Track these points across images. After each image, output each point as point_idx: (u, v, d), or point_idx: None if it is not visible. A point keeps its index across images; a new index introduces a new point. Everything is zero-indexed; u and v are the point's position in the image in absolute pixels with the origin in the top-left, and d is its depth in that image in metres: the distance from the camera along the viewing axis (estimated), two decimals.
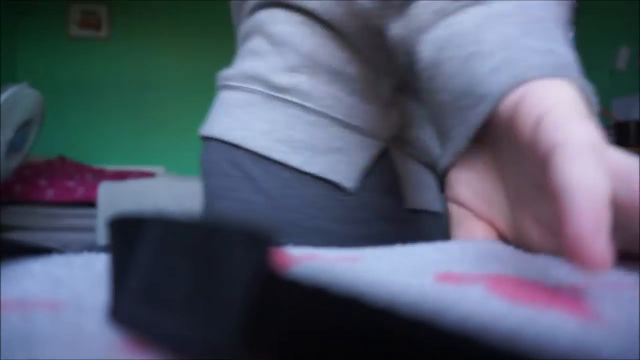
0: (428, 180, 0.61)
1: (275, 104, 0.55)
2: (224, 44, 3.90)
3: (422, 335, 0.12)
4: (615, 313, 0.17)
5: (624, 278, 0.22)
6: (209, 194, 0.62)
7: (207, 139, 0.62)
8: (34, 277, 0.22)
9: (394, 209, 0.57)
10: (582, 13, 2.37)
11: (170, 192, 2.63)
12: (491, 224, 0.34)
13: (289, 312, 0.14)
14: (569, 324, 0.16)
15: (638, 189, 0.22)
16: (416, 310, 0.12)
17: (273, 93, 0.56)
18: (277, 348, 0.14)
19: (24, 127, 2.23)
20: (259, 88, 0.57)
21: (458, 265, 0.24)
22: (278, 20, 0.55)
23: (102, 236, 2.52)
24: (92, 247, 2.56)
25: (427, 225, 0.61)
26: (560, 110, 0.25)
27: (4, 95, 2.07)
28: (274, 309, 0.14)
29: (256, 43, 0.58)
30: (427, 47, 0.36)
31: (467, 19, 0.34)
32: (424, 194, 0.60)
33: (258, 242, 0.15)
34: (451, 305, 0.18)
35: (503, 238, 0.33)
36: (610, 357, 0.14)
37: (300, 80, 0.54)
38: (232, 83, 0.61)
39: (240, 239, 0.15)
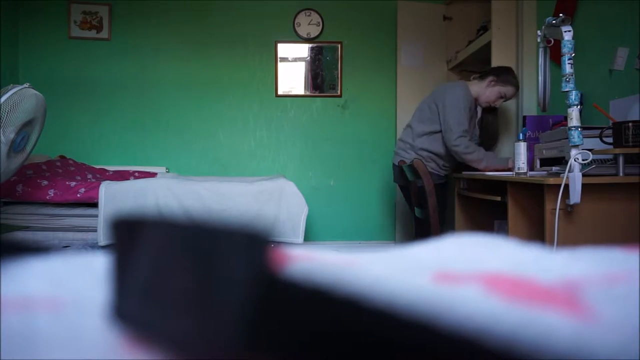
0: None
1: None
2: (223, 44, 3.92)
3: (421, 337, 0.12)
4: (609, 311, 0.17)
5: (619, 269, 0.21)
6: None
7: None
8: (34, 276, 0.22)
9: None
10: (581, 13, 2.37)
11: (171, 192, 2.63)
12: None
13: (289, 312, 0.14)
14: (565, 325, 0.16)
15: None
16: (415, 312, 0.12)
17: None
18: (277, 346, 0.14)
19: (26, 127, 2.23)
20: None
21: (454, 263, 0.24)
22: None
23: (102, 236, 2.52)
24: (92, 247, 2.56)
25: None
26: None
27: (6, 96, 2.08)
28: (273, 308, 0.14)
29: None
30: None
31: None
32: None
33: (256, 241, 0.15)
34: (450, 306, 0.18)
35: None
36: (605, 357, 0.14)
37: None
38: None
39: (239, 239, 0.15)
